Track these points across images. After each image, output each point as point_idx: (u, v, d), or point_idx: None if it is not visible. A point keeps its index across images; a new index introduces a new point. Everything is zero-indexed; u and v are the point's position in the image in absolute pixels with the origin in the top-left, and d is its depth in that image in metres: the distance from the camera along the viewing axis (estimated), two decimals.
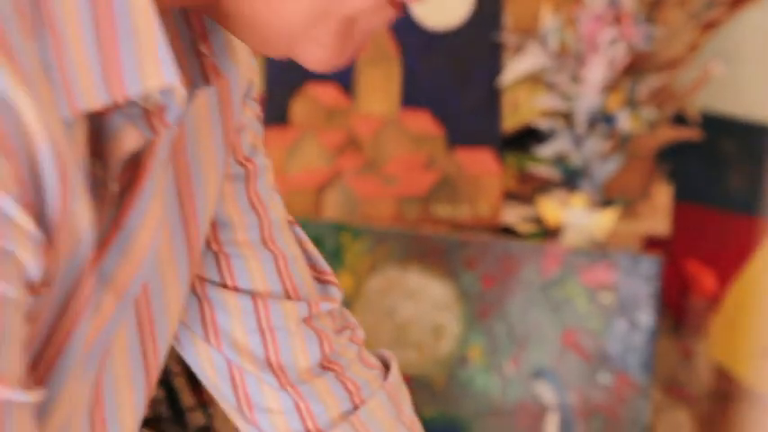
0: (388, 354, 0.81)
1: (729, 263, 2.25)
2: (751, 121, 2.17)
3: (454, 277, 1.49)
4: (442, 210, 1.68)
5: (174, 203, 0.71)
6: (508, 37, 1.52)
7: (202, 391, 1.04)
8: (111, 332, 0.66)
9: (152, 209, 0.65)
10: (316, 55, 0.71)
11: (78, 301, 0.61)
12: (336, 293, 0.78)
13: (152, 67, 0.59)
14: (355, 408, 0.78)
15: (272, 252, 0.77)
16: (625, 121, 1.50)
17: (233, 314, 0.77)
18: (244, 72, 0.75)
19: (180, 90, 0.60)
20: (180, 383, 1.04)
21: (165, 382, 1.03)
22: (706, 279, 2.23)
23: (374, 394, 0.78)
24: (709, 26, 2.13)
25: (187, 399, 1.04)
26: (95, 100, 0.59)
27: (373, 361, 0.81)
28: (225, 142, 0.74)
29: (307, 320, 0.77)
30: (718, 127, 2.18)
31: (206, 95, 0.71)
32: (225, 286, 0.77)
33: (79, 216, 0.59)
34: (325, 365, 0.78)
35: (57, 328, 0.61)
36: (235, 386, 0.78)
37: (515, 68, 1.49)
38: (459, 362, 1.54)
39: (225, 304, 0.77)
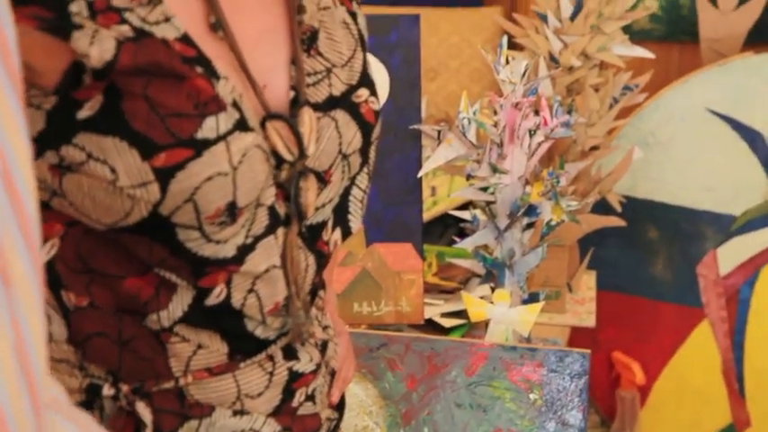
0: None
1: (657, 353, 2.22)
2: (672, 205, 2.16)
3: (377, 378, 1.43)
4: (363, 307, 1.62)
5: None
6: (426, 127, 1.49)
7: None
8: None
9: None
10: None
11: None
12: None
13: None
14: None
15: None
16: (547, 212, 1.47)
17: None
18: None
19: None
20: None
21: None
22: (633, 370, 2.19)
23: None
24: (627, 112, 2.13)
25: None
26: None
27: None
28: None
29: None
30: (641, 212, 2.17)
31: None
32: None
33: None
34: None
35: None
36: None
37: (434, 160, 1.45)
38: None
39: None
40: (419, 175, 1.57)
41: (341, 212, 0.99)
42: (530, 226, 1.50)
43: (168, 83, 0.84)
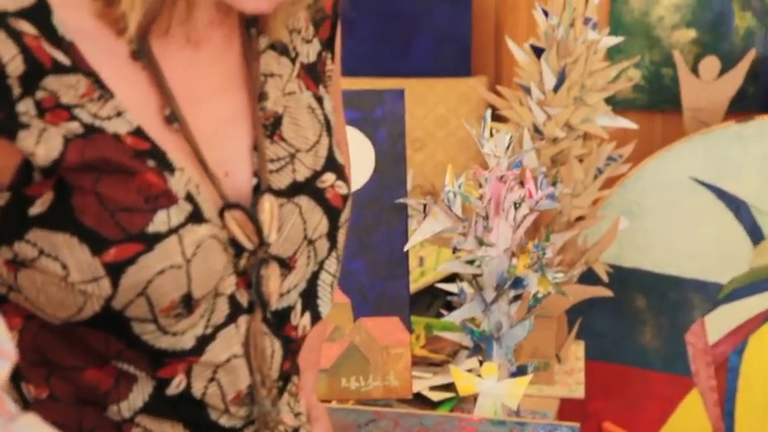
0: None
1: (647, 422, 2.21)
2: (659, 273, 2.17)
3: None
4: (351, 382, 1.61)
5: None
6: (412, 201, 1.49)
7: None
8: None
9: None
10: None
11: None
12: None
13: None
14: None
15: None
16: (534, 284, 1.47)
17: None
18: None
19: None
20: None
21: None
22: None
23: None
24: (612, 182, 2.15)
25: None
26: None
27: None
28: None
29: None
30: (628, 281, 2.17)
31: None
32: None
33: None
34: None
35: None
36: None
37: (420, 234, 1.46)
38: None
39: None
40: (405, 249, 1.58)
41: (309, 297, 0.98)
42: (517, 298, 1.50)
43: (118, 178, 0.85)
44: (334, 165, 0.99)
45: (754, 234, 2.13)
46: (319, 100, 1.02)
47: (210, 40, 0.94)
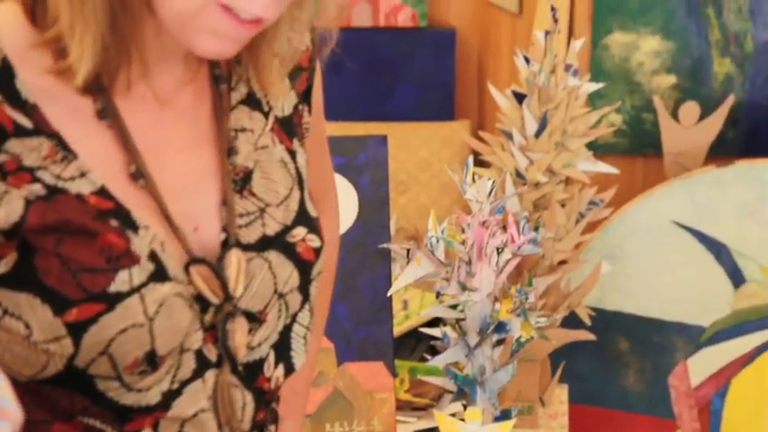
0: None
1: None
2: (642, 316, 2.18)
3: None
4: (335, 427, 1.61)
5: None
6: (395, 246, 1.50)
7: None
8: None
9: None
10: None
11: None
12: None
13: None
14: None
15: None
16: (517, 329, 1.48)
17: None
18: None
19: None
20: None
21: None
22: None
23: None
24: (594, 226, 2.16)
25: None
26: None
27: None
28: None
29: None
30: (611, 324, 2.18)
31: None
32: None
33: None
34: None
35: None
36: None
37: (404, 279, 1.46)
38: None
39: None
40: (389, 294, 1.58)
41: (283, 350, 0.98)
42: (500, 342, 1.50)
43: (80, 239, 0.85)
44: (305, 218, 1.00)
45: (735, 277, 2.14)
46: (292, 154, 1.02)
47: (180, 97, 0.95)
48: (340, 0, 0.93)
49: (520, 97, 1.87)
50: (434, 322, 1.91)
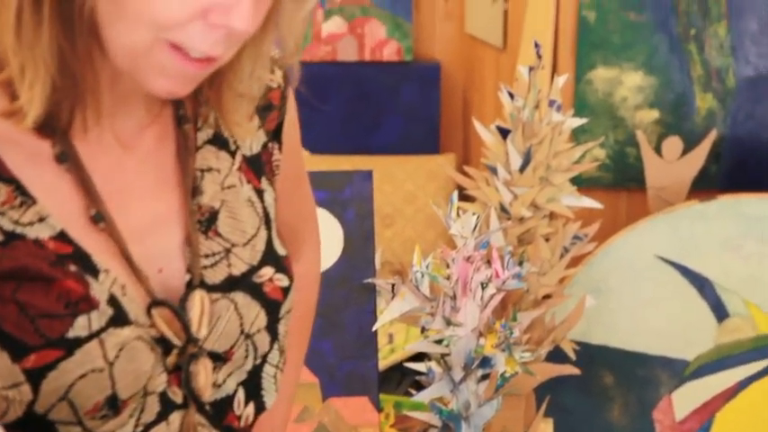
0: None
1: None
2: (626, 350, 2.18)
3: None
4: None
5: None
6: (380, 281, 1.51)
7: None
8: None
9: None
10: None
11: None
12: None
13: None
14: None
15: None
16: (501, 364, 1.48)
17: None
18: None
19: None
20: None
21: None
22: None
23: None
24: (578, 260, 2.17)
25: None
26: None
27: None
28: None
29: None
30: (595, 358, 2.18)
31: None
32: None
33: None
34: None
35: None
36: None
37: (388, 314, 1.47)
38: None
39: None
40: (374, 329, 1.59)
41: (253, 389, 0.98)
42: (485, 377, 1.50)
43: (37, 285, 0.85)
44: (272, 258, 1.00)
45: (719, 311, 2.15)
46: (260, 193, 1.02)
47: (142, 140, 0.95)
48: (298, 34, 0.93)
49: (504, 132, 1.88)
50: (419, 356, 1.91)
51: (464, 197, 1.86)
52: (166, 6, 0.82)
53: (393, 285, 1.48)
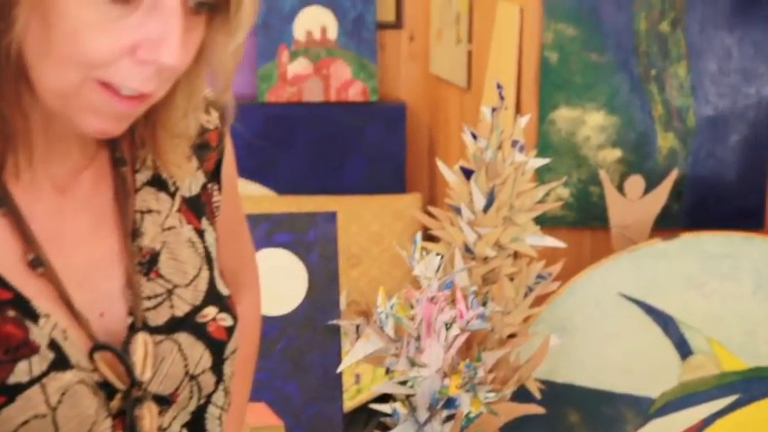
0: None
1: None
2: (592, 388, 2.19)
3: None
4: None
5: None
6: (345, 322, 1.51)
7: None
8: None
9: None
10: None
11: None
12: None
13: None
14: None
15: None
16: (466, 404, 1.48)
17: None
18: None
19: None
20: None
21: None
22: None
23: None
24: (542, 299, 2.18)
25: None
26: None
27: None
28: None
29: None
30: (561, 396, 2.19)
31: None
32: None
33: None
34: None
35: None
36: None
37: (353, 355, 1.47)
38: None
39: None
40: (339, 371, 1.59)
41: (197, 430, 0.98)
42: (450, 418, 1.51)
43: None
44: (215, 298, 0.99)
45: (682, 348, 2.17)
46: (200, 233, 1.02)
47: (78, 184, 0.94)
48: (229, 69, 0.93)
49: (468, 173, 1.89)
50: (385, 397, 1.91)
51: (430, 237, 1.87)
52: (94, 45, 0.81)
53: (357, 326, 1.49)
